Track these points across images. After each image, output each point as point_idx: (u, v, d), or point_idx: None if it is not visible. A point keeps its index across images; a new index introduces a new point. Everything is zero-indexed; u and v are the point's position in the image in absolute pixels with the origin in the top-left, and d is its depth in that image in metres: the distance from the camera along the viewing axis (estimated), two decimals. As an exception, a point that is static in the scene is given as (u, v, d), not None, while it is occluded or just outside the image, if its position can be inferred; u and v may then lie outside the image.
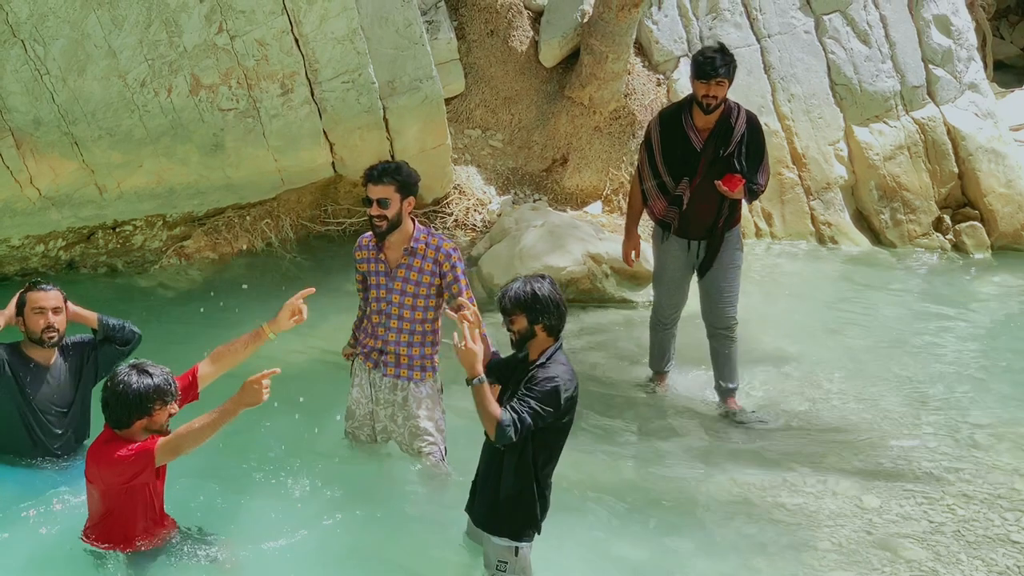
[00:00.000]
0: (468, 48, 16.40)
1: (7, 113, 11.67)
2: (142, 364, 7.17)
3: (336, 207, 14.59)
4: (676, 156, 10.28)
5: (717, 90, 9.93)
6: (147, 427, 7.13)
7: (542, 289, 7.00)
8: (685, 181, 10.25)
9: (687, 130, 10.19)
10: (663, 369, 11.34)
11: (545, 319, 7.00)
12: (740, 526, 9.04)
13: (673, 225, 10.47)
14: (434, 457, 8.80)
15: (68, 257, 13.46)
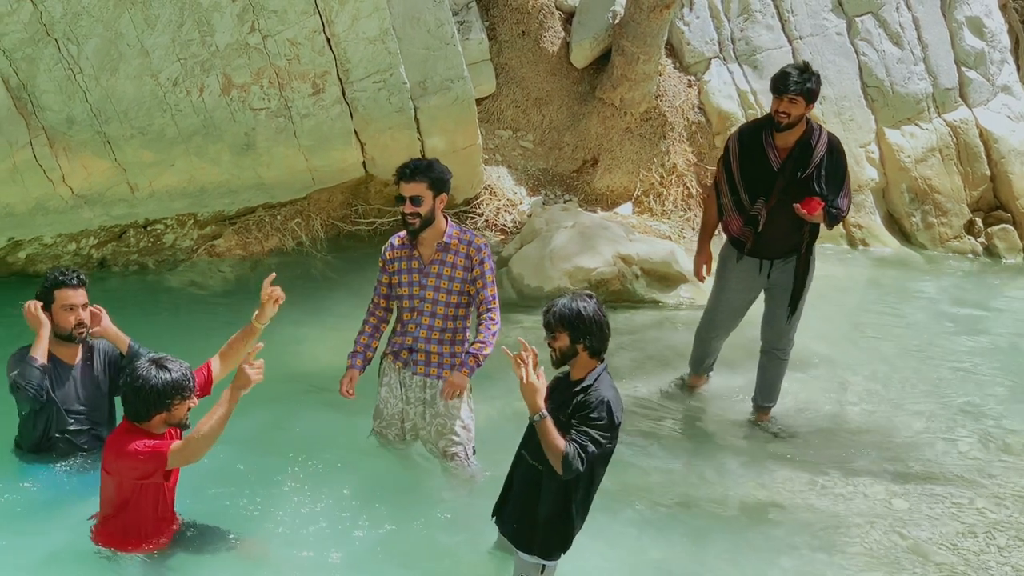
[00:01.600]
0: (499, 49, 16.39)
1: (40, 112, 11.71)
2: (161, 359, 7.20)
3: (367, 207, 14.58)
4: (753, 174, 10.02)
5: (790, 107, 9.63)
6: (167, 421, 7.19)
7: (587, 308, 6.91)
8: (761, 201, 9.96)
9: (766, 148, 9.91)
10: (702, 372, 11.22)
11: (587, 339, 6.92)
12: (769, 528, 9.04)
13: (747, 245, 10.19)
14: (460, 456, 8.82)
15: (100, 255, 13.49)
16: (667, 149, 16.18)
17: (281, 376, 10.79)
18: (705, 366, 11.15)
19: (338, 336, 11.08)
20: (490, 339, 8.44)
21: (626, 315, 13.22)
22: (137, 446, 7.06)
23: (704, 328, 10.93)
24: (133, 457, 7.06)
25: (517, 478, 7.32)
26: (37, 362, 8.24)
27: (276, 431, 9.72)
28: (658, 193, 16.06)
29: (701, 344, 11.02)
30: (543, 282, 13.25)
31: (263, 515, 8.43)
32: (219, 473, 8.81)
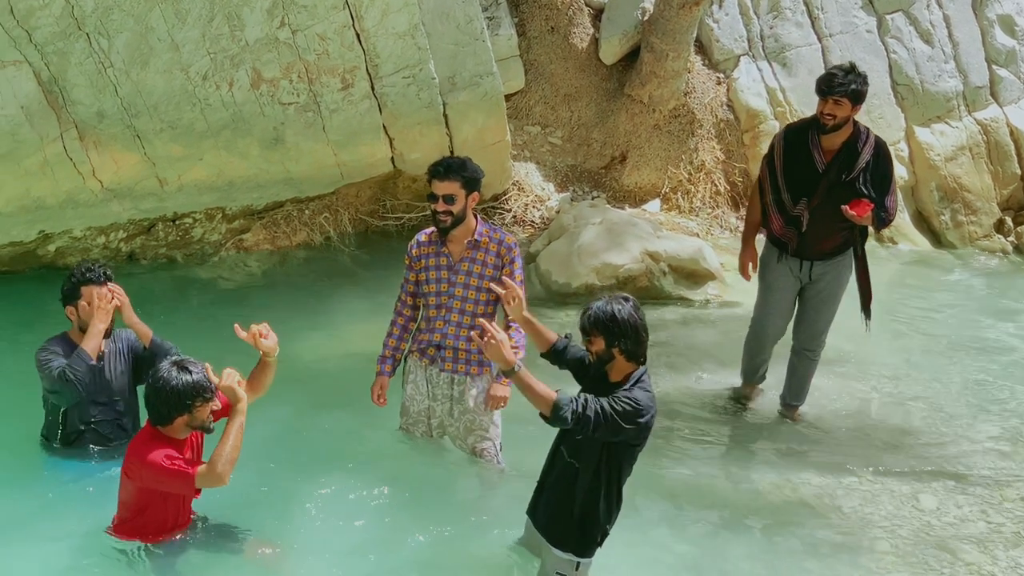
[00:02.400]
0: (528, 45, 16.39)
1: (71, 106, 11.75)
2: (183, 361, 7.21)
3: (395, 202, 14.60)
4: (797, 175, 9.92)
5: (835, 108, 9.52)
6: (188, 423, 7.19)
7: (622, 312, 6.78)
8: (803, 202, 9.86)
9: (812, 149, 9.80)
10: (755, 381, 11.05)
11: (623, 343, 6.79)
12: (795, 526, 9.01)
13: (790, 246, 10.10)
14: (488, 453, 8.80)
15: (128, 249, 13.53)
16: (695, 146, 16.17)
17: (307, 372, 10.85)
18: (759, 374, 10.99)
19: (365, 331, 11.11)
20: (522, 342, 8.41)
21: (653, 312, 13.17)
22: (163, 460, 7.06)
23: (753, 334, 10.80)
24: (158, 469, 7.06)
25: (552, 475, 7.28)
26: (91, 360, 8.29)
27: (301, 428, 9.73)
28: (686, 190, 16.05)
29: (752, 351, 10.88)
30: (571, 278, 13.26)
31: (284, 512, 8.44)
32: (242, 469, 8.83)
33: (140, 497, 7.32)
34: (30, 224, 12.49)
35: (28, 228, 12.56)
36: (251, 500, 8.44)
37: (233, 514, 8.16)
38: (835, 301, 10.29)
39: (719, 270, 13.88)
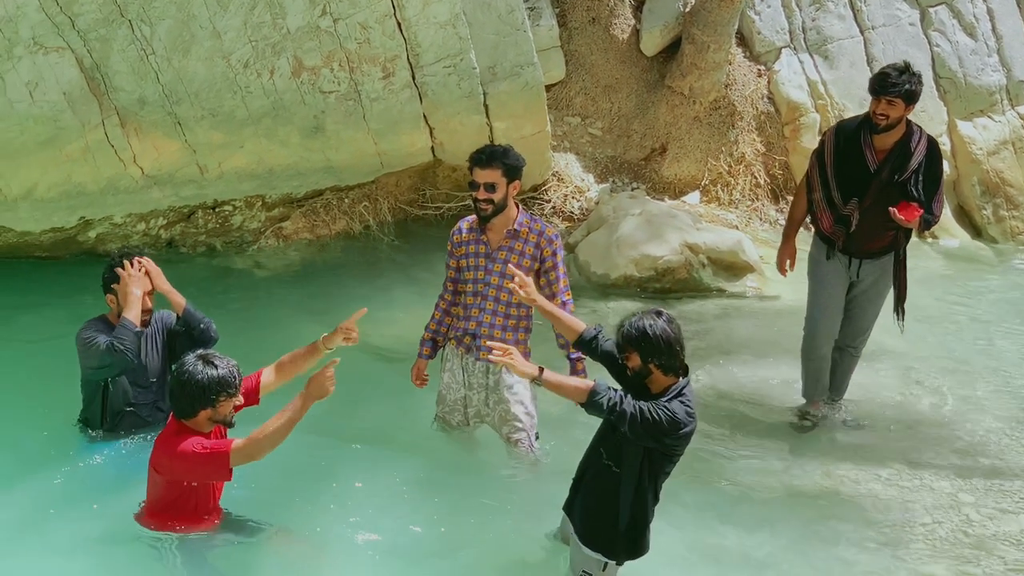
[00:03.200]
0: (569, 35, 16.35)
1: (113, 92, 11.80)
2: (208, 355, 7.20)
3: (435, 191, 14.61)
4: (848, 173, 9.73)
5: (888, 109, 9.34)
6: (212, 418, 7.16)
7: (654, 327, 6.73)
8: (854, 202, 9.67)
9: (864, 148, 9.61)
10: (818, 398, 10.64)
11: (657, 358, 6.75)
12: (833, 520, 8.97)
13: (838, 244, 9.90)
14: (523, 444, 8.78)
15: (168, 236, 13.58)
16: (735, 138, 16.11)
17: (344, 360, 10.85)
18: (821, 386, 10.58)
19: (404, 320, 11.14)
20: (570, 307, 8.40)
21: (692, 304, 13.18)
22: (194, 447, 7.05)
23: (809, 339, 10.44)
24: (190, 458, 7.06)
25: (590, 473, 7.24)
26: (133, 326, 8.33)
27: (338, 416, 9.70)
28: (726, 182, 16.00)
29: (811, 360, 10.50)
30: (609, 269, 13.24)
31: (318, 500, 8.49)
32: (277, 456, 8.85)
33: (168, 491, 7.33)
34: (71, 210, 12.57)
35: (69, 214, 12.63)
36: (285, 489, 8.48)
37: (267, 503, 8.20)
38: (881, 299, 10.15)
39: (758, 263, 13.83)
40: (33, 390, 9.82)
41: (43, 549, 7.63)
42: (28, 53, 11.34)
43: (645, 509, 7.02)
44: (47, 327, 11.02)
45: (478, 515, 8.40)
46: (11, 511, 8.01)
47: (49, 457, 8.65)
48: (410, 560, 7.89)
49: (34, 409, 9.43)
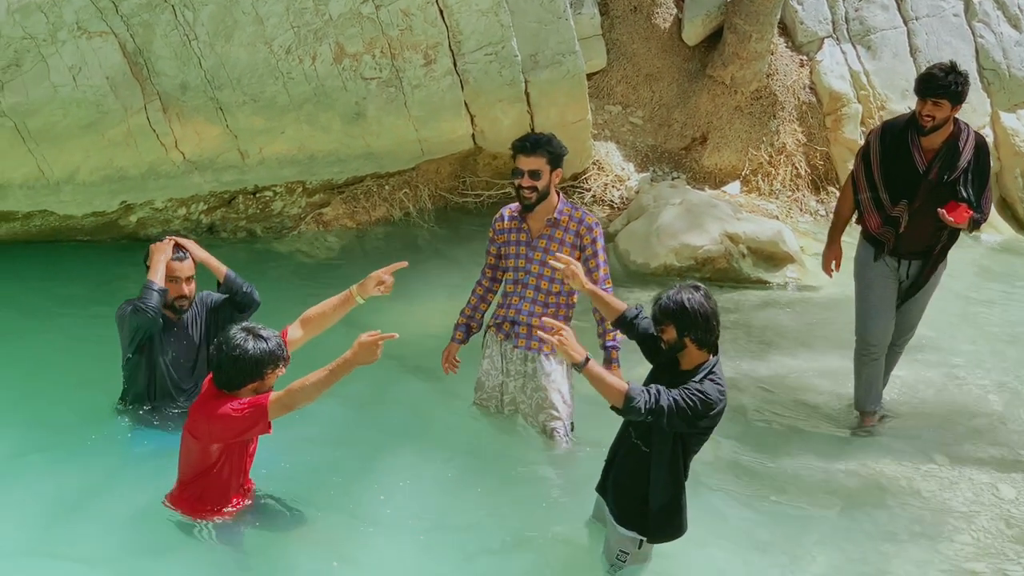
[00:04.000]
0: (611, 24, 16.35)
1: (155, 77, 11.84)
2: (255, 328, 7.22)
3: (475, 179, 14.61)
4: (896, 174, 9.56)
5: (934, 110, 9.19)
6: (257, 389, 7.17)
7: (692, 301, 6.77)
8: (903, 203, 9.49)
9: (912, 148, 9.44)
10: (872, 409, 10.40)
11: (693, 332, 6.79)
12: (870, 513, 8.93)
13: (887, 245, 9.70)
14: (559, 432, 8.80)
15: (209, 221, 13.62)
16: (777, 129, 16.07)
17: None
18: (875, 394, 10.36)
19: (442, 307, 11.13)
20: (610, 291, 8.40)
21: (731, 294, 13.16)
22: (233, 407, 7.07)
23: (862, 345, 10.22)
24: (228, 418, 7.07)
25: (620, 453, 7.29)
26: (156, 285, 8.37)
27: (374, 402, 9.76)
28: (766, 172, 15.96)
29: (864, 365, 10.26)
30: (649, 258, 13.24)
31: (354, 485, 8.52)
32: (315, 443, 8.88)
33: (202, 459, 7.35)
34: (112, 194, 12.61)
35: (110, 198, 12.67)
36: (322, 472, 8.52)
37: (301, 486, 8.25)
38: (927, 297, 10.02)
39: (798, 253, 13.80)
40: (73, 371, 9.89)
41: (76, 529, 7.67)
42: (72, 37, 11.39)
43: (678, 488, 7.07)
44: (87, 310, 11.08)
45: (512, 498, 8.43)
46: (48, 491, 8.06)
47: (87, 437, 8.70)
48: (442, 541, 7.92)
49: (74, 390, 9.49)
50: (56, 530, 7.65)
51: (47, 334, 10.68)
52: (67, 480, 8.18)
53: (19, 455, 8.52)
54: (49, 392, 9.46)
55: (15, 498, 7.98)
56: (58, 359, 10.16)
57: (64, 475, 8.25)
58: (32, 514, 7.79)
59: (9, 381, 9.71)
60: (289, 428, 8.65)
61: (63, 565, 7.37)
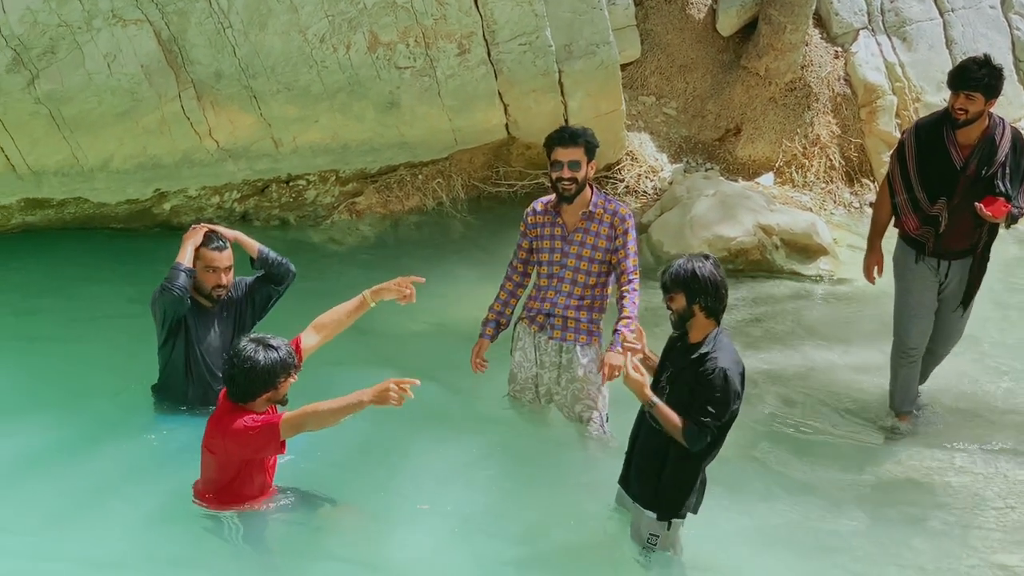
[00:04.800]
0: (645, 15, 16.32)
1: (190, 65, 11.86)
2: (264, 338, 7.25)
3: (508, 169, 14.60)
4: (933, 172, 9.45)
5: (967, 103, 9.08)
6: (271, 399, 7.22)
7: (703, 269, 6.88)
8: (942, 201, 9.39)
9: (948, 145, 9.34)
10: (907, 410, 10.33)
11: (703, 299, 6.90)
12: (903, 505, 8.92)
13: (927, 246, 9.62)
14: (595, 423, 8.81)
15: (242, 209, 13.65)
16: (811, 120, 16.02)
17: (417, 337, 10.91)
18: (910, 397, 10.30)
19: (474, 298, 11.11)
20: (635, 312, 8.39)
21: (765, 285, 13.15)
22: (246, 423, 7.11)
23: (899, 347, 10.14)
24: (243, 434, 7.11)
25: (640, 437, 7.36)
26: (183, 266, 8.41)
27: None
28: (800, 164, 15.92)
29: (901, 367, 10.19)
30: (682, 249, 13.12)
31: (387, 475, 8.57)
32: (346, 431, 8.89)
33: (224, 472, 7.39)
34: (146, 182, 12.65)
35: (144, 186, 12.72)
36: (353, 464, 8.56)
37: (330, 477, 8.31)
38: (971, 303, 9.97)
39: (832, 245, 13.78)
40: (107, 359, 9.94)
41: (105, 519, 7.71)
42: (107, 25, 11.42)
43: (696, 465, 7.13)
44: (121, 297, 11.13)
45: (548, 493, 8.43)
46: (80, 480, 8.09)
47: (120, 427, 8.76)
48: (477, 536, 7.93)
49: (108, 378, 9.54)
50: (84, 521, 7.68)
51: (81, 321, 10.74)
52: (95, 469, 8.22)
53: (50, 443, 8.58)
54: (82, 379, 9.51)
55: (44, 487, 8.02)
56: (90, 346, 10.23)
57: (93, 464, 8.29)
58: (60, 505, 7.85)
59: (42, 368, 9.77)
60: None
61: (89, 556, 7.38)
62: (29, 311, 11.04)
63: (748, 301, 12.73)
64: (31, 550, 7.37)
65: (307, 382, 7.68)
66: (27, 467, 8.25)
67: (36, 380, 9.59)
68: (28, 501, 7.87)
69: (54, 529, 7.59)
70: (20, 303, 11.19)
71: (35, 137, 11.74)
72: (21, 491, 7.97)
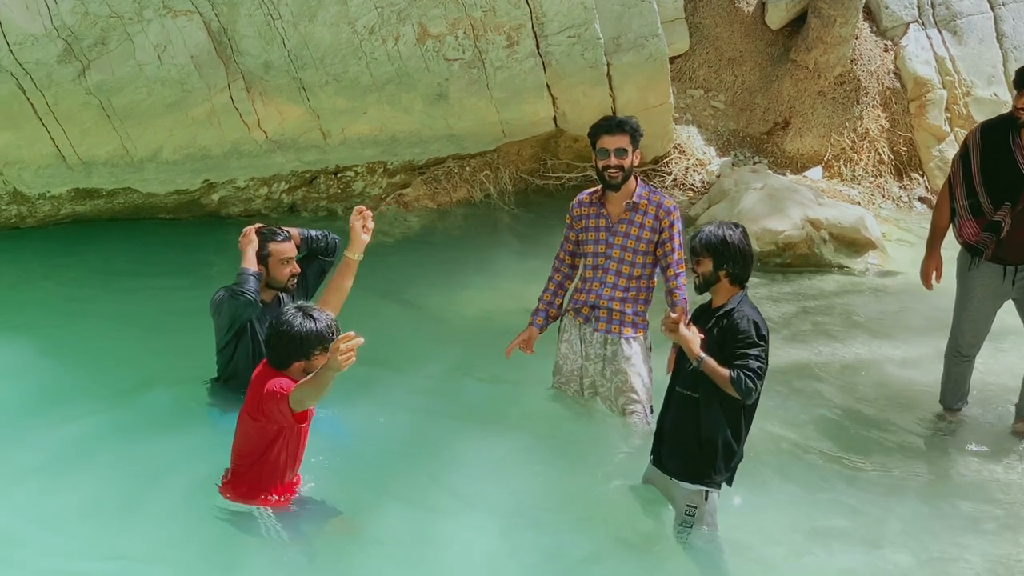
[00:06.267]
0: (694, 7, 16.30)
1: (239, 56, 11.91)
2: (308, 308, 7.20)
3: (556, 161, 14.61)
4: (998, 177, 9.21)
5: None
6: (305, 370, 7.07)
7: (732, 236, 7.07)
8: (1006, 206, 9.16)
9: (1013, 149, 9.11)
10: (957, 407, 10.20)
11: (730, 266, 7.07)
12: (950, 503, 8.81)
13: (987, 251, 9.38)
14: (638, 415, 8.76)
15: (290, 200, 13.69)
16: (860, 114, 15.98)
17: (463, 328, 10.90)
18: (960, 394, 10.17)
19: (523, 290, 11.12)
20: (684, 306, 8.39)
21: (812, 279, 13.11)
22: (278, 386, 6.99)
23: (953, 347, 10.01)
24: (272, 394, 7.00)
25: (671, 415, 7.42)
26: (250, 270, 8.38)
27: (454, 384, 9.78)
28: (849, 158, 15.88)
29: (952, 367, 10.08)
30: (731, 244, 13.18)
31: (432, 466, 8.54)
32: (393, 419, 8.91)
33: (260, 441, 7.26)
34: (195, 173, 12.72)
35: (193, 177, 12.78)
36: (400, 458, 8.53)
37: (379, 472, 8.31)
38: None
39: (880, 239, 13.72)
40: (160, 349, 9.96)
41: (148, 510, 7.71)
42: (157, 16, 11.47)
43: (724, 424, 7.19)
44: (173, 285, 11.20)
45: (588, 482, 8.41)
46: (129, 469, 8.10)
47: (171, 416, 8.75)
48: (521, 528, 7.91)
49: (163, 369, 9.55)
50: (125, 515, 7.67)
51: (128, 312, 10.79)
52: (147, 457, 8.22)
53: (103, 432, 8.60)
54: (136, 370, 9.55)
55: (92, 477, 8.02)
56: (142, 335, 10.27)
57: (142, 452, 8.29)
58: (108, 495, 7.85)
59: (95, 358, 9.82)
60: (359, 408, 8.74)
61: (127, 548, 7.40)
62: (82, 299, 11.11)
63: (796, 295, 12.70)
64: (66, 546, 7.38)
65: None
66: (76, 457, 8.24)
67: (91, 369, 9.61)
68: (74, 490, 7.88)
69: (91, 522, 7.59)
70: (74, 291, 11.30)
71: (85, 128, 11.82)
72: (69, 480, 7.98)
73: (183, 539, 7.45)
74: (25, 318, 10.56)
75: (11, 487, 7.86)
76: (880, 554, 8.09)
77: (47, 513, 7.62)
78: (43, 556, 7.21)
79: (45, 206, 12.62)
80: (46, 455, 8.24)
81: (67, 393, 9.14)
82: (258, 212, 13.41)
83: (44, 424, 8.64)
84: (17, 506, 7.65)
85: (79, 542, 7.37)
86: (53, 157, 11.96)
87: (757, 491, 7.57)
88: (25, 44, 11.12)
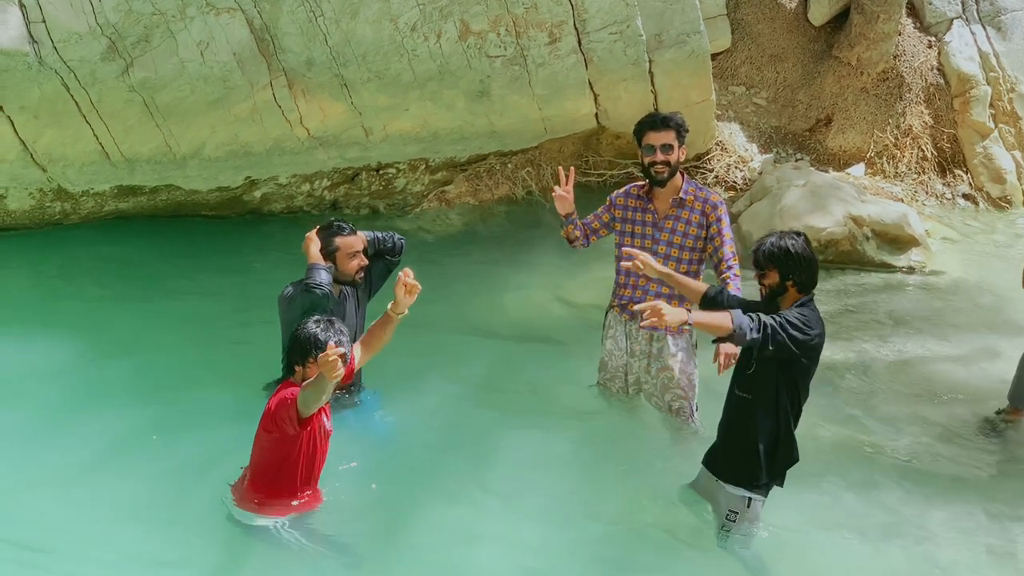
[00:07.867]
0: (736, 4, 16.29)
1: (281, 54, 11.93)
2: (329, 319, 7.21)
3: (597, 158, 14.59)
4: None
5: None
6: (303, 377, 7.08)
7: (796, 246, 7.02)
8: None
9: None
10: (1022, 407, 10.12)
11: (797, 275, 7.02)
12: (997, 500, 8.78)
13: None
14: (684, 412, 8.75)
15: (332, 197, 13.71)
16: (903, 110, 15.92)
17: (506, 325, 10.90)
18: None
19: (565, 287, 11.15)
20: (737, 283, 8.36)
21: (854, 277, 13.07)
22: (288, 393, 7.02)
23: None
24: (282, 404, 7.02)
25: (728, 416, 7.43)
26: (320, 265, 8.40)
27: (497, 380, 9.80)
28: (891, 155, 15.82)
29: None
30: (773, 241, 13.14)
31: (476, 460, 8.57)
32: (437, 414, 8.92)
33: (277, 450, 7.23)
34: (237, 170, 12.75)
35: (235, 174, 12.81)
36: (441, 456, 8.55)
37: (419, 462, 8.35)
38: None
39: (923, 237, 13.66)
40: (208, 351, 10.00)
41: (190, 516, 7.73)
42: (200, 14, 11.51)
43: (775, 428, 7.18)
44: (217, 281, 11.24)
45: (631, 479, 8.45)
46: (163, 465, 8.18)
47: (223, 415, 8.79)
48: (562, 526, 7.92)
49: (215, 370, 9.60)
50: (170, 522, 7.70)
51: (175, 309, 10.84)
52: (196, 458, 8.26)
53: (142, 431, 8.65)
54: (186, 371, 9.60)
55: (135, 478, 8.07)
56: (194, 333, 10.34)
57: (188, 452, 8.33)
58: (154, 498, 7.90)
59: (144, 356, 9.88)
60: (405, 403, 8.75)
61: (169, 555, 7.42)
62: (126, 297, 11.17)
63: (839, 292, 12.66)
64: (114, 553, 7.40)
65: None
66: (120, 458, 8.28)
67: (139, 368, 9.66)
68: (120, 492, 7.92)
69: (138, 525, 7.62)
70: (118, 289, 11.37)
71: (129, 125, 11.86)
72: (114, 483, 8.00)
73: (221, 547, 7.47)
74: (68, 316, 10.60)
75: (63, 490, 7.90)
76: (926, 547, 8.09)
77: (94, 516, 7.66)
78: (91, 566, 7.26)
79: (88, 203, 12.66)
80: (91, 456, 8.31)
81: (112, 392, 9.20)
82: (300, 209, 13.45)
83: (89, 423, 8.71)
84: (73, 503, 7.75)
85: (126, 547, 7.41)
86: (97, 154, 12.01)
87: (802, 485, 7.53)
88: (69, 42, 11.17)
